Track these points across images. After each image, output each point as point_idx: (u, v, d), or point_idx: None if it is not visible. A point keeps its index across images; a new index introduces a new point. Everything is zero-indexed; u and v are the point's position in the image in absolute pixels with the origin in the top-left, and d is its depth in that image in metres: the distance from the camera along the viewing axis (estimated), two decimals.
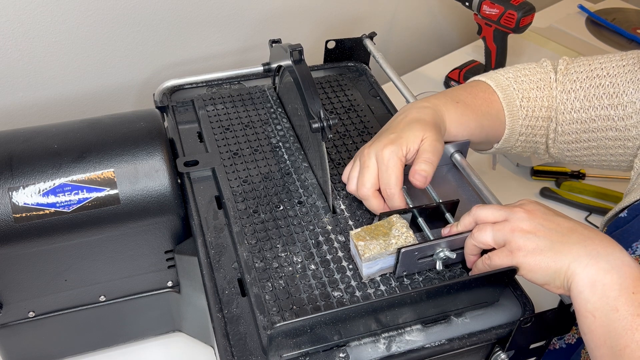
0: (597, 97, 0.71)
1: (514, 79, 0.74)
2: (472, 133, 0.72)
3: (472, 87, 0.74)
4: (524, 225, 0.55)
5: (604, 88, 0.71)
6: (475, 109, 0.72)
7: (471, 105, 0.71)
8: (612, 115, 0.70)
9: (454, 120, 0.70)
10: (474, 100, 0.72)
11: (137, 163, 0.66)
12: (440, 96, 0.72)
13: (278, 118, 0.80)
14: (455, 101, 0.71)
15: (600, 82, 0.71)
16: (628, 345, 0.48)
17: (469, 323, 0.59)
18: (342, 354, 0.55)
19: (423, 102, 0.70)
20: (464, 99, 0.72)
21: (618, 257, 0.52)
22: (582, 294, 0.51)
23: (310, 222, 0.66)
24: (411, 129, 0.65)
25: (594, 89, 0.71)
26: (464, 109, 0.71)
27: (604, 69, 0.72)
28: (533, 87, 0.74)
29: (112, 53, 1.00)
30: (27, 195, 0.63)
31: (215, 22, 1.08)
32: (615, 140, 0.72)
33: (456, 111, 0.70)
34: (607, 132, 0.72)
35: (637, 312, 0.49)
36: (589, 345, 0.52)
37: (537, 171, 1.07)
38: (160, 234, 0.69)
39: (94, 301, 0.73)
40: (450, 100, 0.71)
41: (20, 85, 0.95)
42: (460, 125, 0.70)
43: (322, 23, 1.22)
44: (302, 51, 0.69)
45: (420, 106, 0.69)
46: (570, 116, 0.73)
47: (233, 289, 0.60)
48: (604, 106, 0.71)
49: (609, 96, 0.70)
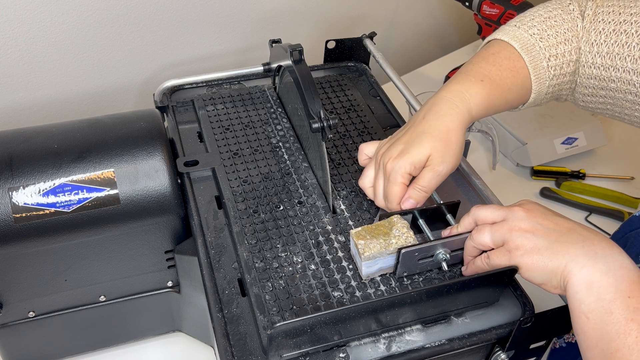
0: (621, 57, 0.66)
1: (539, 35, 0.69)
2: (497, 110, 0.70)
3: (496, 55, 0.69)
4: (522, 225, 0.55)
5: (630, 49, 0.66)
6: (501, 84, 0.68)
7: (496, 80, 0.68)
8: (633, 80, 0.67)
9: (481, 104, 0.67)
10: (500, 72, 0.68)
11: (137, 163, 0.66)
12: (464, 77, 0.68)
13: (278, 118, 0.80)
14: (480, 79, 0.67)
15: (626, 40, 0.66)
16: (619, 349, 0.48)
17: (469, 323, 0.59)
18: (342, 354, 0.55)
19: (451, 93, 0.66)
20: (489, 74, 0.68)
21: (616, 259, 0.51)
22: (578, 294, 0.51)
23: (310, 222, 0.66)
24: (420, 143, 0.63)
25: (619, 48, 0.66)
26: (490, 88, 0.67)
27: (634, 23, 0.66)
28: (560, 40, 0.69)
29: (112, 53, 1.00)
30: (27, 195, 0.63)
31: (215, 22, 1.08)
32: (632, 103, 0.68)
33: (482, 93, 0.67)
34: (626, 95, 0.68)
35: (631, 317, 0.48)
36: (581, 345, 0.52)
37: (537, 171, 1.07)
38: (160, 234, 0.69)
39: (94, 301, 0.73)
40: (475, 80, 0.67)
41: (20, 85, 0.95)
42: (487, 107, 0.67)
43: (322, 23, 1.22)
44: (302, 51, 0.69)
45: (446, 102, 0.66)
46: (590, 71, 0.69)
47: (233, 289, 0.60)
48: (627, 69, 0.67)
49: (633, 60, 0.66)
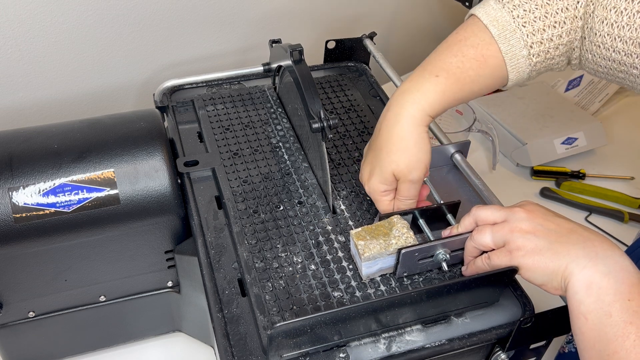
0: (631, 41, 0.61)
1: (523, 18, 0.63)
2: (460, 102, 0.66)
3: (462, 43, 0.65)
4: (523, 226, 0.55)
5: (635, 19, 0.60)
6: (461, 77, 0.64)
7: (456, 73, 0.63)
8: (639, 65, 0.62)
9: (435, 102, 0.63)
10: (461, 63, 0.63)
11: (137, 163, 0.66)
12: (420, 72, 0.65)
13: (278, 118, 0.80)
14: (435, 74, 0.63)
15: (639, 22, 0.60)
16: (617, 352, 0.48)
17: (469, 323, 0.59)
18: (342, 354, 0.55)
19: (403, 94, 0.64)
20: (447, 67, 0.63)
21: (617, 260, 0.51)
22: (577, 295, 0.51)
23: (310, 222, 0.66)
24: (381, 163, 0.63)
25: (630, 32, 0.61)
26: (446, 84, 0.63)
27: None
28: (550, 23, 0.63)
29: (112, 53, 1.00)
30: (27, 195, 0.63)
31: (215, 22, 1.08)
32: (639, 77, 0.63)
33: (436, 90, 0.63)
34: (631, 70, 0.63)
35: (630, 320, 0.48)
36: (579, 346, 0.52)
37: (537, 171, 1.06)
38: (160, 234, 0.69)
39: (94, 301, 0.73)
40: (429, 76, 0.63)
41: (20, 85, 0.95)
42: (443, 103, 0.63)
43: (322, 23, 1.22)
44: (302, 51, 0.69)
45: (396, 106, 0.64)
46: (596, 49, 0.64)
47: (233, 289, 0.60)
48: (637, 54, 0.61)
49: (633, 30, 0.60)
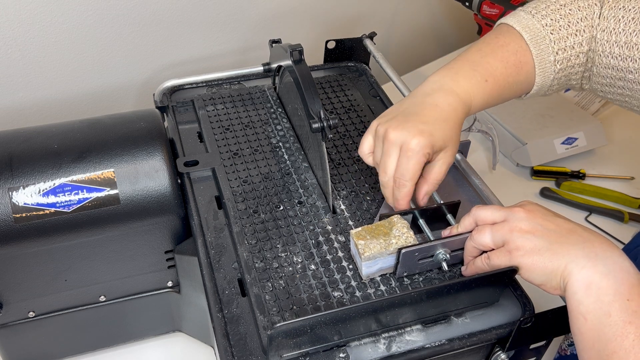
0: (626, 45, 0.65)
1: (551, 26, 0.67)
2: (489, 107, 0.69)
3: (505, 48, 0.68)
4: (522, 225, 0.55)
5: None
6: (503, 84, 0.67)
7: (500, 80, 0.67)
8: None
9: (480, 104, 0.66)
10: (505, 69, 0.67)
11: (137, 163, 0.66)
12: (472, 73, 0.67)
13: (278, 118, 0.80)
14: (485, 79, 0.66)
15: None
16: (616, 352, 0.48)
17: (469, 323, 0.59)
18: (342, 354, 0.55)
19: (451, 84, 0.65)
20: (495, 72, 0.67)
21: (617, 261, 0.51)
22: (576, 295, 0.51)
23: (310, 222, 0.66)
24: (444, 129, 0.62)
25: (625, 36, 0.64)
26: (492, 89, 0.66)
27: None
28: (572, 31, 0.67)
29: (112, 53, 1.00)
30: (27, 195, 0.63)
31: (215, 22, 1.08)
32: None
33: (484, 93, 0.66)
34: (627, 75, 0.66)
35: (629, 320, 0.48)
36: (578, 346, 0.52)
37: (537, 171, 1.06)
38: (160, 234, 0.69)
39: (94, 301, 0.73)
40: (481, 79, 0.66)
41: (20, 85, 0.95)
42: (483, 106, 0.67)
43: (322, 23, 1.22)
44: (302, 51, 0.69)
45: (448, 94, 0.65)
46: (607, 61, 0.67)
47: (233, 289, 0.60)
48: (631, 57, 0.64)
49: None
